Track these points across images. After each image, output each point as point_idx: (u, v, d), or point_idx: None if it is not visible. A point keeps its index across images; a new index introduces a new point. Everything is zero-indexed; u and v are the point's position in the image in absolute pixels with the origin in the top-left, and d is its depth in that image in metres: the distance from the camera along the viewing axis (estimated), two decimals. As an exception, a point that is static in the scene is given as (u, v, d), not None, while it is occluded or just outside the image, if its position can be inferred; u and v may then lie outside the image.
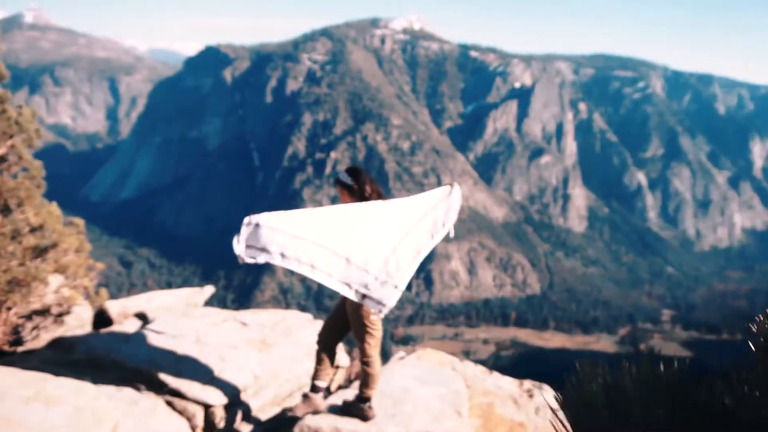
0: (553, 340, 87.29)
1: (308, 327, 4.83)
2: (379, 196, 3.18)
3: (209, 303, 6.05)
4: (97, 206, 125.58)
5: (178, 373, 3.55)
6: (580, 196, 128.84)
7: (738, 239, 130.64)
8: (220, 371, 3.71)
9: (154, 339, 3.95)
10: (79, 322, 4.75)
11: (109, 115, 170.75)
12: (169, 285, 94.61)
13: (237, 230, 2.77)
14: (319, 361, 3.37)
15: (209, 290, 5.88)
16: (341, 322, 3.32)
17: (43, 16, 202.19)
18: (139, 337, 3.98)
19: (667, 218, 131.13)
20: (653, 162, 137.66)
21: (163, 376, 3.52)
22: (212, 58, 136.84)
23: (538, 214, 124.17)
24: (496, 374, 5.46)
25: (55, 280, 4.59)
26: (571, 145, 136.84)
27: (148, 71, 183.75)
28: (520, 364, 72.50)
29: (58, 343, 3.96)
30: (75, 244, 4.16)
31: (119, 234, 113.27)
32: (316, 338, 3.44)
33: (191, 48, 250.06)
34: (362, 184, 3.16)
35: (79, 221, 4.45)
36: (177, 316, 4.56)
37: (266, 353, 4.13)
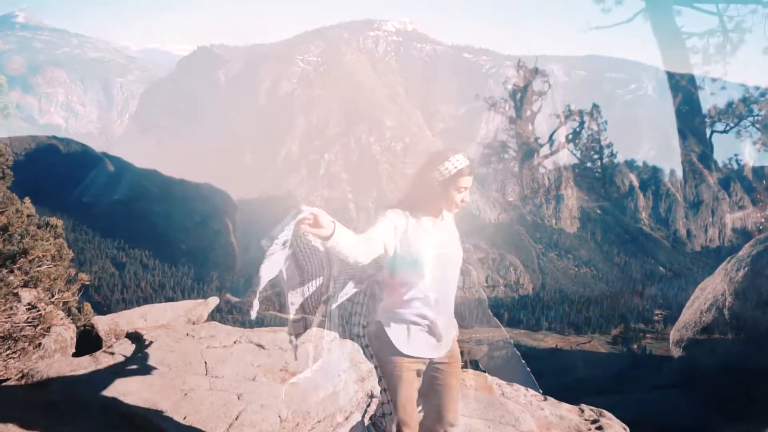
0: (546, 340, 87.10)
1: (335, 348, 4.02)
2: None
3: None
4: (89, 207, 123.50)
5: (183, 419, 2.72)
6: (572, 197, 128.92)
7: (729, 239, 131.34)
8: (237, 414, 2.84)
9: (151, 371, 3.10)
10: (59, 345, 3.91)
11: (101, 115, 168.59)
12: (162, 287, 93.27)
13: None
14: None
15: (213, 302, 5.02)
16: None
17: (35, 17, 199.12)
18: (132, 369, 3.12)
19: (658, 219, 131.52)
20: (645, 163, 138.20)
21: (165, 425, 2.68)
22: (205, 59, 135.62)
23: (531, 215, 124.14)
24: (551, 399, 4.72)
25: (30, 294, 3.77)
26: (563, 146, 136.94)
27: (141, 72, 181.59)
28: (513, 363, 72.12)
29: (29, 377, 3.11)
30: (51, 251, 3.31)
31: (112, 235, 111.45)
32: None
33: (184, 49, 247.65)
34: None
35: (58, 222, 3.59)
36: (179, 337, 3.73)
37: (291, 385, 3.32)
